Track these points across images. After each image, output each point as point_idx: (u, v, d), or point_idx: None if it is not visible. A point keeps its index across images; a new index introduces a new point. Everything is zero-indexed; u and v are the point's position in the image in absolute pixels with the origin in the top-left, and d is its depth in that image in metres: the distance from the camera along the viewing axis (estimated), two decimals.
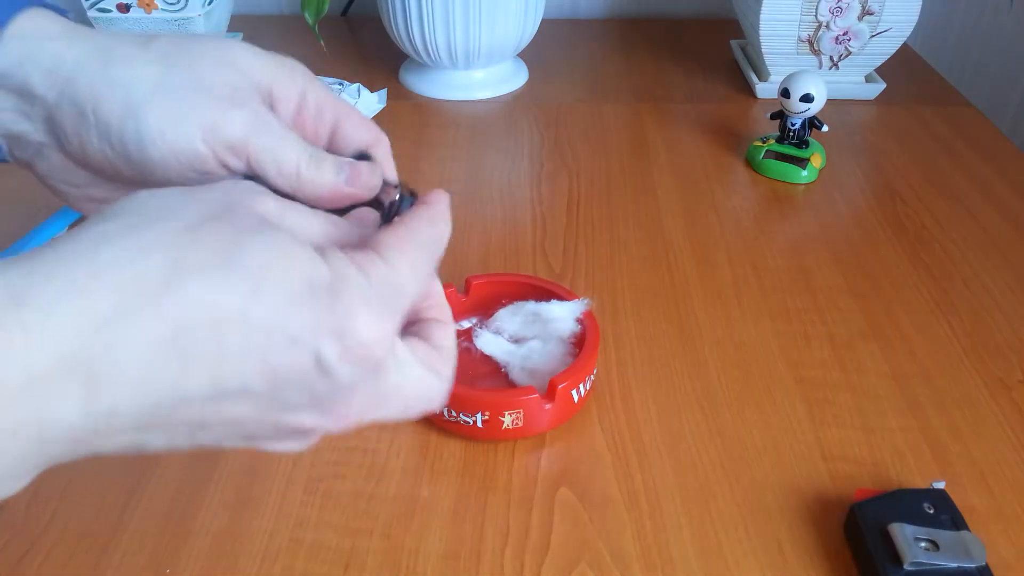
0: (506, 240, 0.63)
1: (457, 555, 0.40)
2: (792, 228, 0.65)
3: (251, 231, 0.24)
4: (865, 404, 0.48)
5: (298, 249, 0.25)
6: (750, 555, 0.40)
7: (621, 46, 0.99)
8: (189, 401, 0.23)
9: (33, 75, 0.29)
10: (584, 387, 0.46)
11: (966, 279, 0.59)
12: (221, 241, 0.23)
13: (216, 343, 0.23)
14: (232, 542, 0.40)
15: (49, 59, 0.29)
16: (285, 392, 0.24)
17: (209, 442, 0.26)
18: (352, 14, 1.07)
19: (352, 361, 0.24)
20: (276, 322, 0.23)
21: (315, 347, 0.24)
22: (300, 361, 0.24)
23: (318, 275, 0.24)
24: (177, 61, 0.30)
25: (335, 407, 0.26)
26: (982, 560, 0.36)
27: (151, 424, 0.24)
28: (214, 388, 0.23)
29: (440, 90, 0.86)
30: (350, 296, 0.24)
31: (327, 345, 0.24)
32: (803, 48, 0.83)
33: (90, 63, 0.29)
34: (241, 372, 0.23)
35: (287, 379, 0.24)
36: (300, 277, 0.24)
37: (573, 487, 0.43)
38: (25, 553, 0.40)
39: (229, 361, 0.23)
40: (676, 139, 0.78)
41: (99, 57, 0.29)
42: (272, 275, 0.23)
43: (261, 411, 0.25)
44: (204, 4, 0.83)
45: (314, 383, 0.24)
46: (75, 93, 0.29)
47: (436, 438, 0.46)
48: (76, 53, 0.29)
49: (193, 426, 0.24)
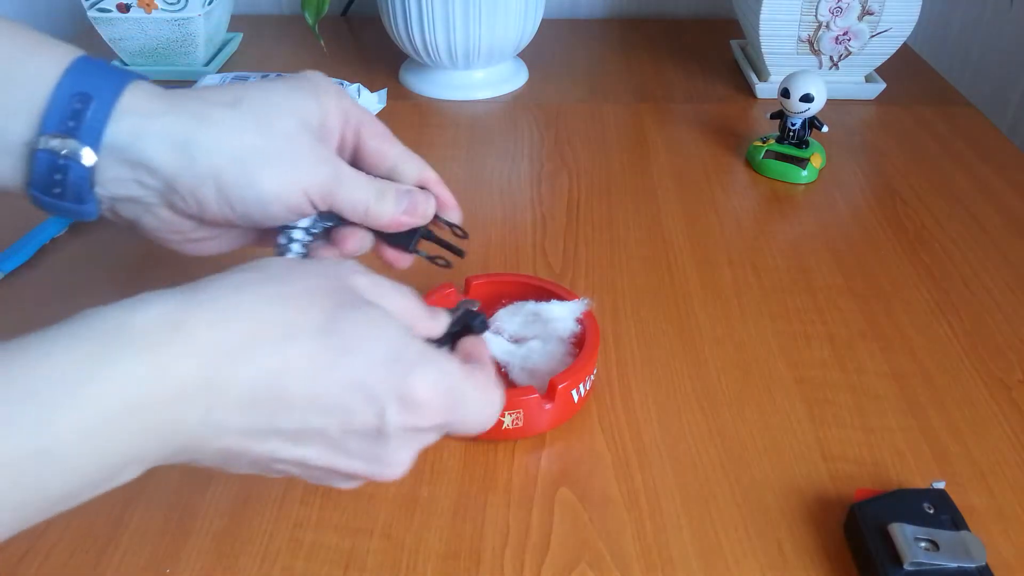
0: (506, 240, 0.63)
1: (457, 555, 0.40)
2: (792, 228, 0.65)
3: (351, 305, 0.30)
4: (865, 404, 0.48)
5: (386, 322, 0.30)
6: (750, 555, 0.40)
7: (621, 46, 0.99)
8: (280, 431, 0.28)
9: (148, 150, 0.34)
10: (584, 387, 0.46)
11: (966, 279, 0.59)
12: (327, 310, 0.29)
13: (308, 388, 0.28)
14: (232, 542, 0.40)
15: (163, 135, 0.34)
16: (350, 441, 0.29)
17: (276, 474, 0.31)
18: (352, 14, 1.07)
19: (406, 426, 0.30)
20: (361, 378, 0.29)
21: (383, 405, 0.29)
22: (369, 415, 0.29)
23: (403, 349, 0.30)
24: (268, 128, 0.36)
25: (385, 464, 0.31)
26: (982, 560, 0.36)
27: (245, 448, 0.28)
28: (300, 425, 0.28)
29: (440, 90, 0.86)
30: (423, 371, 0.30)
31: (392, 404, 0.29)
32: (803, 48, 0.83)
33: (202, 137, 0.34)
34: (323, 416, 0.28)
35: (356, 431, 0.29)
36: (386, 349, 0.30)
37: (573, 487, 0.43)
38: (25, 553, 0.40)
39: (316, 405, 0.28)
40: (676, 139, 0.78)
41: (207, 130, 0.34)
42: (364, 341, 0.29)
43: (326, 455, 0.30)
44: (204, 4, 0.83)
45: (374, 437, 0.30)
46: (194, 166, 0.34)
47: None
48: (185, 127, 0.34)
49: (274, 457, 0.29)
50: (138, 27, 0.84)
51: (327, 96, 0.39)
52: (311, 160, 0.37)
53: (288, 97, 0.37)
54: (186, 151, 0.34)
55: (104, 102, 0.33)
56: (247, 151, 0.35)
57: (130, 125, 0.34)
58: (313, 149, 0.37)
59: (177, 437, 0.27)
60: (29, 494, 0.24)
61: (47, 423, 0.24)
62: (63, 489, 0.25)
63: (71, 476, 0.25)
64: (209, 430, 0.27)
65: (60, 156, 0.33)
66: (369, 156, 0.40)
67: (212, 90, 0.37)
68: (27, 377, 0.24)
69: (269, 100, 0.37)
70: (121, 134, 0.34)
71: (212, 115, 0.35)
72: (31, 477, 0.24)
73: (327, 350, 0.28)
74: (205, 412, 0.27)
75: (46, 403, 0.24)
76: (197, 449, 0.28)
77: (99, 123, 0.33)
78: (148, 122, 0.34)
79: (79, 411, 0.24)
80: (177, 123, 0.34)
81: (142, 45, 0.85)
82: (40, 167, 0.34)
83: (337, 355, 0.28)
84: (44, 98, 0.33)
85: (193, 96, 0.36)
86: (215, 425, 0.27)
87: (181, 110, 0.35)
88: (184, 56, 0.87)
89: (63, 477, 0.25)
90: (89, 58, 0.35)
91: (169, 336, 0.26)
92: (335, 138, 0.39)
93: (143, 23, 0.84)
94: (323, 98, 0.38)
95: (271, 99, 0.37)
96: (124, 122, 0.34)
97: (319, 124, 0.38)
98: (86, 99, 0.33)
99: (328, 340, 0.28)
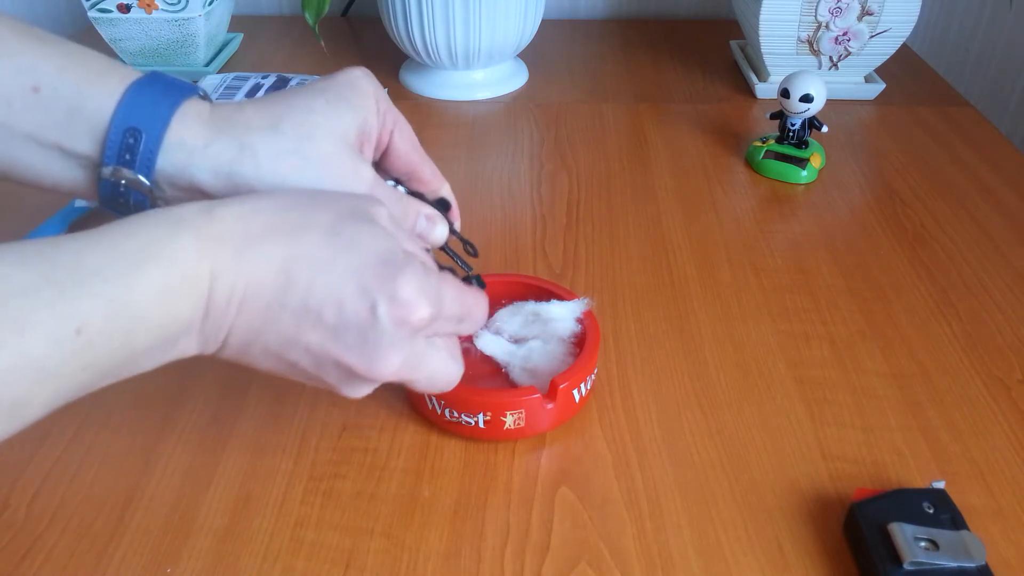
0: (506, 240, 0.63)
1: (457, 554, 0.40)
2: (792, 228, 0.65)
3: (358, 217, 0.35)
4: (865, 404, 0.48)
5: (386, 236, 0.35)
6: (750, 555, 0.40)
7: (621, 46, 0.99)
8: (285, 308, 0.33)
9: (196, 177, 0.37)
10: (585, 387, 0.46)
11: (966, 279, 0.59)
12: (337, 214, 0.35)
13: (310, 274, 0.33)
14: (233, 542, 0.40)
15: (207, 166, 0.37)
16: (345, 332, 0.33)
17: (290, 363, 0.35)
18: (352, 14, 1.07)
19: (396, 320, 0.34)
20: (354, 273, 0.33)
21: (375, 300, 0.33)
22: (362, 307, 0.33)
23: (392, 256, 0.34)
24: (306, 153, 0.38)
25: (378, 355, 0.34)
26: (982, 560, 0.36)
27: (262, 325, 0.33)
28: (302, 305, 0.33)
29: (440, 90, 0.86)
30: (408, 275, 0.34)
31: (383, 302, 0.33)
32: (803, 48, 0.83)
33: (242, 168, 0.37)
34: (321, 302, 0.33)
35: (348, 320, 0.33)
36: (378, 252, 0.34)
37: (573, 487, 0.43)
38: (26, 553, 0.40)
39: (315, 290, 0.33)
40: (676, 139, 0.78)
41: (247, 160, 0.37)
42: (361, 244, 0.34)
43: (325, 343, 0.34)
44: (204, 4, 0.83)
45: (367, 329, 0.33)
46: (237, 190, 0.37)
47: (436, 438, 0.46)
48: (227, 156, 0.37)
49: (282, 339, 0.34)
50: (138, 27, 0.84)
51: (368, 102, 0.41)
52: (345, 184, 0.39)
53: (329, 116, 0.39)
54: (230, 179, 0.37)
55: (153, 136, 0.36)
56: (286, 178, 0.38)
57: (178, 157, 0.37)
58: (349, 171, 0.39)
59: (214, 310, 0.32)
60: (117, 343, 0.29)
61: (132, 283, 0.29)
62: (141, 344, 0.30)
63: (148, 332, 0.30)
64: (233, 305, 0.32)
65: (120, 185, 0.36)
66: (395, 159, 0.43)
67: (254, 109, 0.38)
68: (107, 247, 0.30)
69: (309, 120, 0.38)
70: (170, 165, 0.37)
71: (253, 142, 0.37)
72: (122, 327, 0.29)
73: (330, 245, 0.33)
74: (231, 288, 0.32)
75: (128, 264, 0.29)
76: (228, 327, 0.33)
77: (150, 155, 0.36)
78: (194, 154, 0.37)
79: (153, 274, 0.30)
80: (220, 153, 0.37)
81: (142, 45, 0.85)
82: (105, 190, 0.37)
83: (338, 251, 0.33)
84: (103, 130, 0.36)
85: (237, 119, 0.38)
86: (239, 300, 0.32)
87: (224, 138, 0.37)
88: (184, 56, 0.87)
89: (143, 332, 0.30)
90: (143, 83, 0.37)
91: (206, 222, 0.32)
92: (372, 139, 0.42)
93: (144, 23, 0.84)
94: (365, 105, 0.40)
95: (311, 119, 0.38)
96: (172, 154, 0.37)
97: (358, 132, 0.40)
98: (137, 134, 0.36)
99: (333, 237, 0.34)
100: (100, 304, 0.28)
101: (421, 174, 0.44)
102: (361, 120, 0.40)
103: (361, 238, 0.34)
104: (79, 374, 0.28)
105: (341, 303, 0.33)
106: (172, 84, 0.37)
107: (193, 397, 0.48)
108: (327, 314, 0.33)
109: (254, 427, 0.47)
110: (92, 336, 0.28)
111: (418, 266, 0.35)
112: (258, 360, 0.35)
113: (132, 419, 0.47)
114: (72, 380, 0.28)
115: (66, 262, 0.28)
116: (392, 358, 0.34)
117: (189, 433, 0.46)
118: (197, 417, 0.47)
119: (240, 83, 0.79)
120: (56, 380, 0.28)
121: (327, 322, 0.33)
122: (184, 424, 0.47)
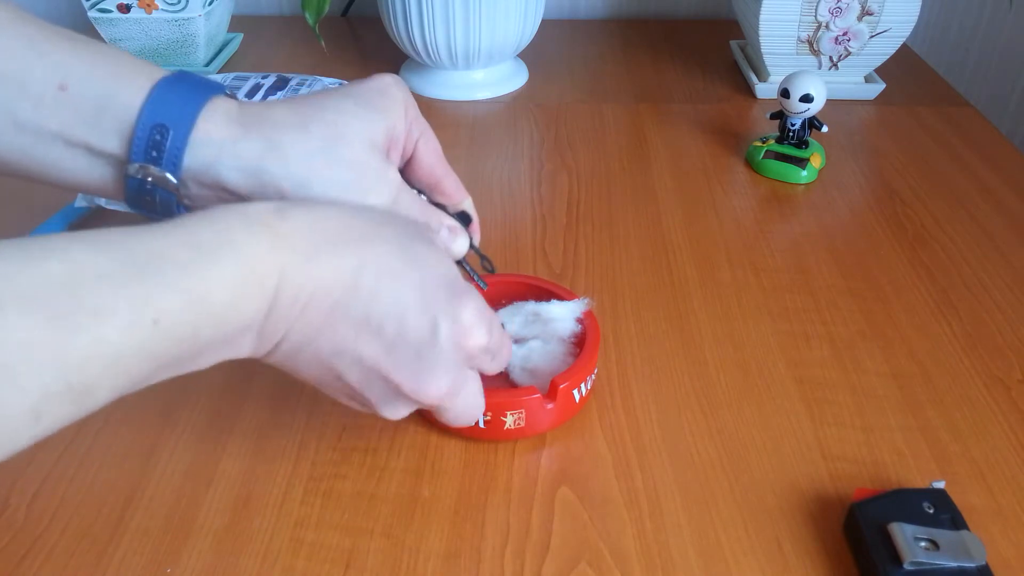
0: (506, 240, 0.63)
1: (458, 554, 0.40)
2: (792, 228, 0.65)
3: (422, 239, 0.36)
4: (865, 404, 0.48)
5: (447, 261, 0.36)
6: (750, 555, 0.40)
7: (621, 46, 0.99)
8: (347, 315, 0.33)
9: (223, 174, 0.37)
10: (585, 387, 0.46)
11: (966, 279, 0.59)
12: (403, 232, 0.35)
13: (375, 284, 0.33)
14: (233, 542, 0.40)
15: (235, 163, 0.37)
16: (401, 347, 0.33)
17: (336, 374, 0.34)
18: (352, 14, 1.07)
19: (454, 342, 0.34)
20: (419, 290, 0.34)
21: (436, 318, 0.34)
22: (423, 324, 0.33)
23: (456, 280, 0.35)
24: (334, 155, 0.38)
25: (430, 375, 0.34)
26: (982, 560, 0.36)
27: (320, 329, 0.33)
28: (364, 314, 0.33)
29: (440, 90, 0.86)
30: (470, 300, 0.35)
31: (445, 322, 0.34)
32: (803, 48, 0.83)
33: (269, 165, 0.37)
34: (384, 313, 0.33)
35: (407, 335, 0.33)
36: (443, 274, 0.35)
37: (573, 487, 0.43)
38: (26, 553, 0.40)
39: (380, 300, 0.33)
40: (676, 139, 0.78)
41: (275, 158, 0.37)
42: (426, 263, 0.35)
43: (380, 357, 0.33)
44: (204, 4, 0.83)
45: (424, 347, 0.34)
46: (264, 189, 0.37)
47: (436, 438, 0.46)
48: (255, 153, 0.37)
49: (337, 347, 0.33)
50: (139, 27, 0.84)
51: (397, 108, 0.41)
52: (372, 188, 0.39)
53: (358, 116, 0.39)
54: (257, 177, 0.37)
55: (180, 133, 0.36)
56: (312, 178, 0.37)
57: (205, 154, 0.36)
58: (376, 176, 0.39)
59: (278, 309, 0.31)
60: (188, 334, 0.29)
61: (207, 274, 0.29)
62: (209, 338, 0.30)
63: (217, 326, 0.30)
64: (298, 305, 0.32)
65: (147, 182, 0.36)
66: (419, 169, 0.43)
67: (284, 108, 0.38)
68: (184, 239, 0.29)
69: (339, 122, 0.38)
70: (197, 162, 0.37)
71: (281, 141, 0.37)
72: (194, 319, 0.29)
73: (398, 259, 0.34)
74: (298, 288, 0.32)
75: (204, 257, 0.29)
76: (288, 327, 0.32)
77: (177, 151, 0.36)
78: (221, 151, 0.37)
79: (227, 268, 0.30)
80: (248, 150, 0.37)
81: (143, 45, 0.85)
82: (132, 188, 0.37)
83: (405, 265, 0.34)
84: (130, 127, 0.36)
85: (265, 117, 0.38)
86: (304, 300, 0.32)
87: (253, 135, 0.37)
88: (185, 56, 0.87)
89: (212, 325, 0.29)
90: (170, 80, 0.37)
91: (278, 220, 0.32)
92: (399, 146, 0.42)
93: (144, 23, 0.84)
94: (394, 111, 0.40)
95: (341, 121, 0.38)
96: (199, 151, 0.36)
97: (385, 138, 0.40)
98: (164, 130, 0.36)
99: (401, 252, 0.34)
100: (177, 295, 0.28)
101: (445, 187, 0.44)
102: (390, 125, 0.40)
103: (427, 257, 0.35)
104: (145, 363, 0.28)
105: (403, 317, 0.33)
106: (199, 82, 0.37)
107: (193, 397, 0.48)
108: (388, 326, 0.33)
109: (254, 427, 0.47)
110: (167, 326, 0.28)
111: (477, 293, 0.35)
112: (305, 367, 0.34)
113: (132, 419, 0.47)
114: (139, 369, 0.28)
115: (143, 251, 0.28)
116: (442, 380, 0.34)
117: (189, 433, 0.46)
118: (197, 417, 0.47)
119: (240, 83, 0.79)
120: (127, 368, 0.27)
121: (386, 335, 0.33)
122: (184, 424, 0.47)
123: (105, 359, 0.26)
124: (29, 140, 0.36)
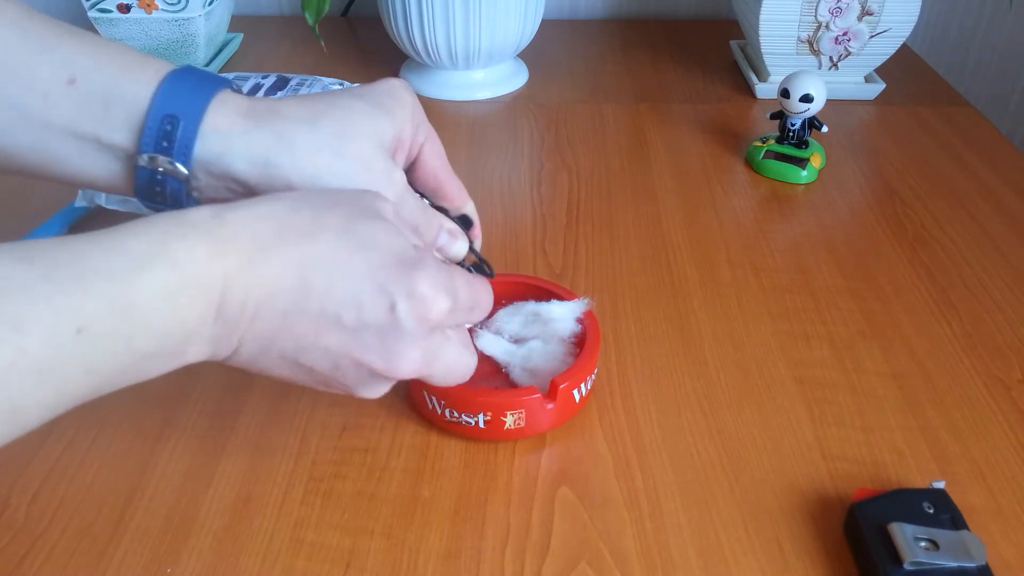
0: (506, 240, 0.63)
1: (458, 554, 0.40)
2: (792, 228, 0.65)
3: (368, 216, 0.35)
4: (865, 404, 0.48)
5: (397, 232, 0.35)
6: (750, 555, 0.40)
7: (621, 46, 0.99)
8: (303, 313, 0.32)
9: (233, 165, 0.37)
10: (585, 387, 0.46)
11: (966, 279, 0.59)
12: (347, 215, 0.34)
13: (324, 278, 0.32)
14: (233, 542, 0.40)
15: (244, 154, 0.37)
16: (364, 332, 0.33)
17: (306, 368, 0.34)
18: (352, 14, 1.07)
19: (416, 316, 0.33)
20: (369, 273, 0.33)
21: (393, 298, 0.33)
22: (381, 306, 0.33)
23: (406, 252, 0.34)
24: (343, 151, 0.38)
25: (398, 353, 0.34)
26: (982, 560, 0.36)
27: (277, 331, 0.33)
28: (319, 309, 0.32)
29: (440, 90, 0.86)
30: (423, 269, 0.34)
31: (402, 300, 0.33)
32: (803, 48, 0.83)
33: (279, 158, 0.37)
34: (339, 303, 0.33)
35: (368, 320, 0.33)
36: (392, 250, 0.34)
37: (573, 487, 0.43)
38: (26, 553, 0.40)
39: (332, 293, 0.33)
40: (676, 139, 0.78)
41: (284, 151, 0.37)
42: (374, 243, 0.34)
43: (345, 345, 0.33)
44: (204, 4, 0.83)
45: (387, 327, 0.33)
46: (272, 181, 0.37)
47: (436, 438, 0.46)
48: (264, 145, 0.37)
49: (300, 344, 0.33)
50: (139, 27, 0.84)
51: (405, 111, 0.41)
52: (377, 184, 0.39)
53: (368, 115, 0.39)
54: (266, 169, 0.37)
55: (191, 122, 0.36)
56: (320, 172, 0.38)
57: (215, 144, 0.37)
58: (382, 173, 0.39)
59: (226, 316, 0.31)
60: (120, 346, 0.28)
61: (136, 283, 0.28)
62: (146, 348, 0.29)
63: (153, 335, 0.29)
64: (248, 311, 0.32)
65: (158, 172, 0.37)
66: (423, 172, 0.43)
67: (293, 103, 0.39)
68: (110, 247, 0.29)
69: (348, 119, 0.38)
70: (207, 152, 0.37)
71: (291, 134, 0.37)
72: (124, 328, 0.28)
73: (343, 247, 0.33)
74: (244, 294, 0.31)
75: (133, 265, 0.29)
76: (241, 333, 0.32)
77: (188, 142, 0.36)
78: (231, 141, 0.37)
79: (158, 275, 0.29)
80: (257, 141, 0.37)
81: (143, 45, 0.85)
82: (142, 179, 0.37)
83: (351, 251, 0.33)
84: (140, 118, 0.36)
85: (275, 111, 0.38)
86: (253, 307, 0.32)
87: (263, 127, 0.37)
88: (185, 56, 0.87)
89: (147, 335, 0.29)
90: (179, 73, 0.37)
91: (217, 225, 0.31)
92: (405, 149, 0.42)
93: (144, 23, 0.84)
94: (401, 113, 0.41)
95: (350, 118, 0.39)
96: (210, 141, 0.37)
97: (393, 139, 0.40)
98: (175, 120, 0.36)
99: (346, 238, 0.33)
100: (102, 303, 0.28)
101: (447, 191, 0.44)
102: (398, 127, 0.40)
103: (374, 236, 0.34)
104: (81, 377, 0.28)
105: (359, 304, 0.33)
106: (207, 75, 0.38)
107: (193, 397, 0.48)
108: (346, 316, 0.33)
109: (254, 427, 0.47)
110: (93, 336, 0.27)
111: (430, 260, 0.35)
112: (272, 366, 0.34)
113: (132, 419, 0.47)
114: (74, 383, 0.28)
115: (68, 260, 0.28)
116: (412, 354, 0.34)
117: (189, 433, 0.46)
118: (197, 417, 0.47)
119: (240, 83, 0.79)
120: (57, 381, 0.27)
121: (346, 324, 0.33)
122: (184, 424, 0.47)
123: (31, 372, 0.26)
124: (38, 135, 0.36)
